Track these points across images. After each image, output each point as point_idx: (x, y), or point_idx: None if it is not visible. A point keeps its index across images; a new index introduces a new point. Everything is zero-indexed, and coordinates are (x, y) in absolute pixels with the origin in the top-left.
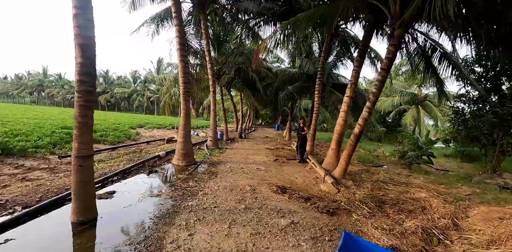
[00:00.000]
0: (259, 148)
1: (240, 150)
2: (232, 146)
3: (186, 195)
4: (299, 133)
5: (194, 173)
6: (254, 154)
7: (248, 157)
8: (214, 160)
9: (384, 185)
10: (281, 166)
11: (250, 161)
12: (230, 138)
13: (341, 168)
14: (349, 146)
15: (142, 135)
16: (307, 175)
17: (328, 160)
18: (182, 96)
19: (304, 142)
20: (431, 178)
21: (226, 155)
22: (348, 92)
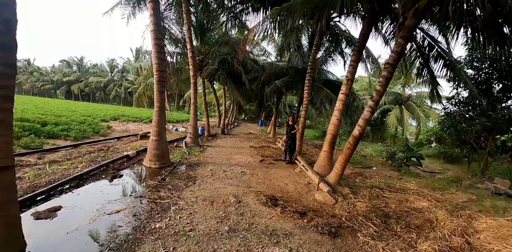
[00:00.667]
0: (243, 145)
1: (222, 148)
2: (214, 143)
3: (155, 211)
4: (288, 131)
5: (168, 178)
6: (238, 153)
7: (231, 156)
8: (193, 160)
9: (381, 192)
10: (268, 168)
11: (233, 162)
12: (212, 133)
13: (336, 174)
14: (346, 150)
15: (114, 129)
16: (298, 179)
17: (320, 162)
18: (156, 86)
19: (293, 141)
20: (423, 182)
21: (207, 154)
22: (344, 89)
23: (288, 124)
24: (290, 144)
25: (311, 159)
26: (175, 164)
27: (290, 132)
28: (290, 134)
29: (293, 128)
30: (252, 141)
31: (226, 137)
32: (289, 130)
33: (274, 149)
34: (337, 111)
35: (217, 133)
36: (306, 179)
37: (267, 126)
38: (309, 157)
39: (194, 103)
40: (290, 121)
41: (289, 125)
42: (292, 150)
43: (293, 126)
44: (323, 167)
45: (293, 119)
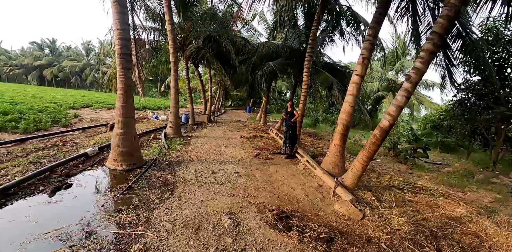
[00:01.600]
0: (232, 135)
1: (209, 139)
2: (199, 133)
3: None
4: (288, 120)
5: (137, 186)
6: (227, 145)
7: (220, 150)
8: (173, 157)
9: (403, 194)
10: (266, 166)
11: (223, 158)
12: (197, 122)
13: (355, 174)
14: (371, 145)
15: (83, 118)
16: (305, 180)
17: (330, 158)
18: (118, 61)
19: (294, 131)
20: (438, 177)
21: (192, 147)
22: (359, 69)
23: (287, 111)
24: (290, 134)
25: (311, 151)
26: (148, 164)
27: (289, 120)
28: (290, 123)
29: (293, 116)
30: (242, 129)
31: (213, 125)
32: (288, 117)
33: (268, 139)
34: (350, 97)
35: (203, 121)
36: (314, 179)
37: (255, 113)
38: (308, 148)
39: (174, 87)
40: (289, 108)
41: (288, 112)
42: (293, 142)
43: (292, 113)
44: (333, 164)
45: (292, 105)
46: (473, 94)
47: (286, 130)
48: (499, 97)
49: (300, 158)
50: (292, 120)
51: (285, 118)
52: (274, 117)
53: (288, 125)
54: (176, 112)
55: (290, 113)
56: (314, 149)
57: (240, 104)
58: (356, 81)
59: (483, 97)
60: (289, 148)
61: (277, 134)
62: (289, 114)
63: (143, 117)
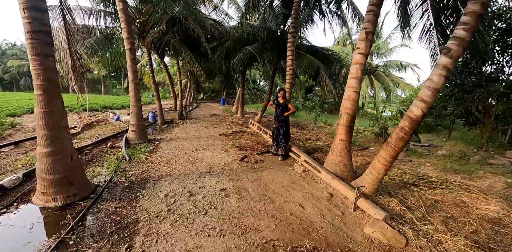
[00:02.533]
0: (209, 133)
1: (182, 140)
2: (170, 134)
3: None
4: (279, 114)
5: (74, 237)
6: (205, 147)
7: (197, 156)
8: (135, 173)
9: (423, 192)
10: (258, 172)
11: (203, 168)
12: (167, 119)
13: (375, 178)
14: (398, 141)
15: (24, 127)
16: (310, 189)
17: (335, 157)
18: (29, 45)
19: (287, 127)
20: (439, 164)
21: (160, 155)
22: (362, 47)
23: (279, 103)
24: (284, 131)
25: (302, 146)
26: (98, 192)
27: (281, 115)
28: (282, 117)
29: (286, 109)
30: (219, 125)
31: (186, 122)
32: (280, 111)
33: (250, 135)
34: (353, 80)
35: (174, 118)
36: (320, 185)
37: (230, 104)
38: (296, 141)
39: (133, 80)
40: (281, 99)
41: (280, 104)
42: (288, 140)
43: (285, 105)
44: (341, 164)
45: (285, 95)
46: (465, 73)
47: (277, 126)
48: (490, 75)
49: (296, 157)
50: (286, 114)
51: (276, 112)
52: (250, 108)
53: (281, 120)
54: (138, 112)
55: (283, 105)
56: (304, 142)
57: (213, 96)
58: (360, 61)
59: (476, 76)
60: (283, 148)
61: (259, 127)
62: (281, 107)
63: (102, 120)
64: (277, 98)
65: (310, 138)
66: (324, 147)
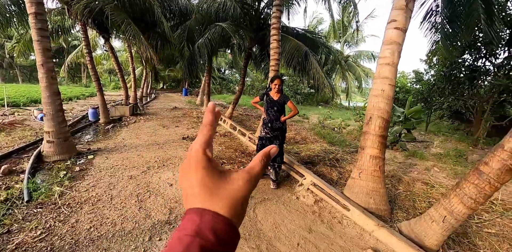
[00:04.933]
0: (169, 137)
1: (129, 152)
2: (114, 140)
3: None
4: (274, 117)
5: None
6: (163, 163)
7: (149, 184)
8: (27, 240)
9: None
10: (248, 213)
11: (156, 212)
12: (114, 117)
13: (450, 227)
14: (504, 173)
15: None
16: (340, 242)
17: (364, 183)
18: None
19: (283, 140)
20: (447, 167)
21: (87, 188)
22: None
23: (272, 100)
24: (279, 144)
25: (291, 151)
26: None
27: (277, 119)
28: (278, 124)
29: (283, 109)
30: (181, 123)
31: (139, 119)
32: (275, 112)
33: (223, 137)
34: (387, 69)
35: (124, 114)
36: (350, 229)
37: (193, 95)
38: None
39: (44, 63)
40: (276, 92)
41: (274, 101)
42: (282, 157)
43: (282, 103)
44: (373, 194)
45: (281, 88)
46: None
47: (268, 136)
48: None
49: (298, 178)
50: (284, 118)
51: (269, 115)
52: (216, 99)
53: (276, 128)
54: (56, 111)
55: (279, 104)
56: (291, 145)
57: (174, 86)
58: (396, 39)
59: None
60: (278, 169)
61: (233, 125)
62: (276, 106)
63: (19, 120)
64: (268, 92)
65: (295, 137)
66: (322, 153)
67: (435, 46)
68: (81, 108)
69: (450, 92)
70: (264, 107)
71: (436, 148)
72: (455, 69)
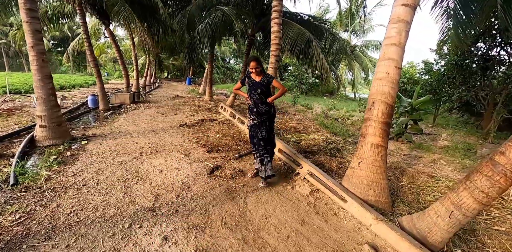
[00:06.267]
0: (167, 124)
1: (124, 138)
2: (111, 127)
3: None
4: (258, 101)
5: None
6: (156, 149)
7: (139, 170)
8: (6, 225)
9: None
10: (238, 200)
11: (141, 199)
12: (114, 104)
13: (457, 224)
14: None
15: None
16: (334, 235)
17: (364, 173)
18: None
19: (273, 128)
20: (455, 160)
21: (75, 172)
22: None
23: (253, 82)
24: (267, 134)
25: (291, 140)
26: None
27: (263, 102)
28: (263, 108)
29: (268, 91)
30: (181, 110)
31: (139, 107)
32: (259, 95)
33: (222, 125)
34: (393, 49)
35: (124, 102)
36: (346, 221)
37: (197, 84)
38: (278, 131)
39: (34, 46)
40: (255, 74)
41: (256, 84)
42: (273, 148)
43: (266, 84)
44: (374, 185)
45: (261, 68)
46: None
47: (256, 122)
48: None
49: (295, 167)
50: (271, 99)
51: (253, 99)
52: (220, 88)
53: (262, 112)
54: (47, 95)
55: (262, 85)
56: (291, 133)
57: (178, 75)
58: (404, 17)
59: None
60: (270, 162)
61: (232, 113)
62: (259, 88)
63: (19, 107)
64: (250, 74)
65: (296, 126)
66: (322, 143)
67: (447, 34)
68: (83, 96)
69: (461, 83)
70: (247, 91)
71: (444, 140)
72: (467, 59)
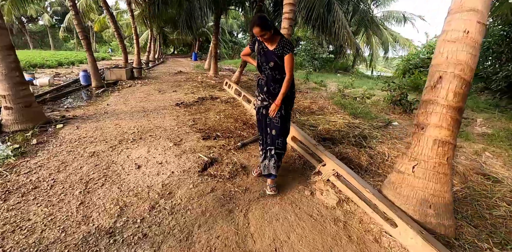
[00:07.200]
0: (162, 102)
1: (108, 120)
2: (98, 106)
3: None
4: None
5: None
6: (141, 135)
7: (112, 164)
8: None
9: None
10: (235, 215)
11: (100, 214)
12: (109, 81)
13: None
14: None
15: None
16: None
17: (418, 182)
18: None
19: (288, 113)
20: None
21: (32, 167)
22: None
23: (264, 50)
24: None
25: (306, 123)
26: None
27: (275, 80)
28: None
29: (280, 63)
30: (181, 87)
31: (136, 83)
32: (271, 70)
33: (225, 104)
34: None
35: (120, 78)
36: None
37: (203, 60)
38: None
39: None
40: (268, 40)
41: (267, 53)
42: (285, 135)
43: (280, 54)
44: (433, 199)
45: (268, 37)
46: None
47: (262, 105)
48: None
49: (314, 163)
50: (287, 82)
51: (264, 72)
52: (227, 64)
53: (274, 93)
54: (9, 69)
55: (276, 55)
56: (306, 115)
57: (185, 51)
58: None
59: None
60: (277, 162)
61: (237, 90)
62: (273, 59)
63: None
64: (257, 40)
65: (310, 106)
66: (344, 128)
67: None
68: None
69: (510, 59)
70: (257, 61)
71: (481, 126)
72: None
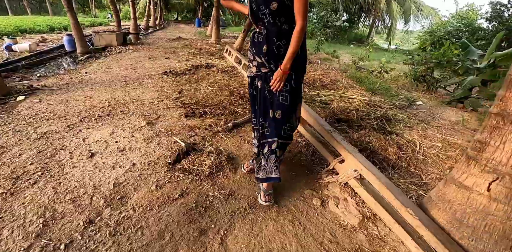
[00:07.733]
0: (148, 71)
1: (79, 91)
2: (75, 75)
3: None
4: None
5: None
6: (111, 111)
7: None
8: None
9: None
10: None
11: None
12: (98, 46)
13: None
14: None
15: None
16: None
17: (498, 207)
18: None
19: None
20: None
21: None
22: None
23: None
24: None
25: (315, 97)
26: None
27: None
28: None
29: (290, 12)
30: (176, 54)
31: (127, 49)
32: (273, 13)
33: (221, 73)
34: None
35: (110, 44)
36: None
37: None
38: None
39: None
40: None
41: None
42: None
43: (287, 8)
44: None
45: None
46: None
47: (257, 75)
48: None
49: (327, 156)
50: (298, 29)
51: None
52: (232, 31)
53: (277, 54)
54: None
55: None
56: (317, 89)
57: (189, 17)
58: None
59: None
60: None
61: (237, 57)
62: (275, 11)
63: None
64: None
65: (322, 79)
66: (363, 107)
67: None
68: None
69: None
70: (249, 5)
71: None
72: None
